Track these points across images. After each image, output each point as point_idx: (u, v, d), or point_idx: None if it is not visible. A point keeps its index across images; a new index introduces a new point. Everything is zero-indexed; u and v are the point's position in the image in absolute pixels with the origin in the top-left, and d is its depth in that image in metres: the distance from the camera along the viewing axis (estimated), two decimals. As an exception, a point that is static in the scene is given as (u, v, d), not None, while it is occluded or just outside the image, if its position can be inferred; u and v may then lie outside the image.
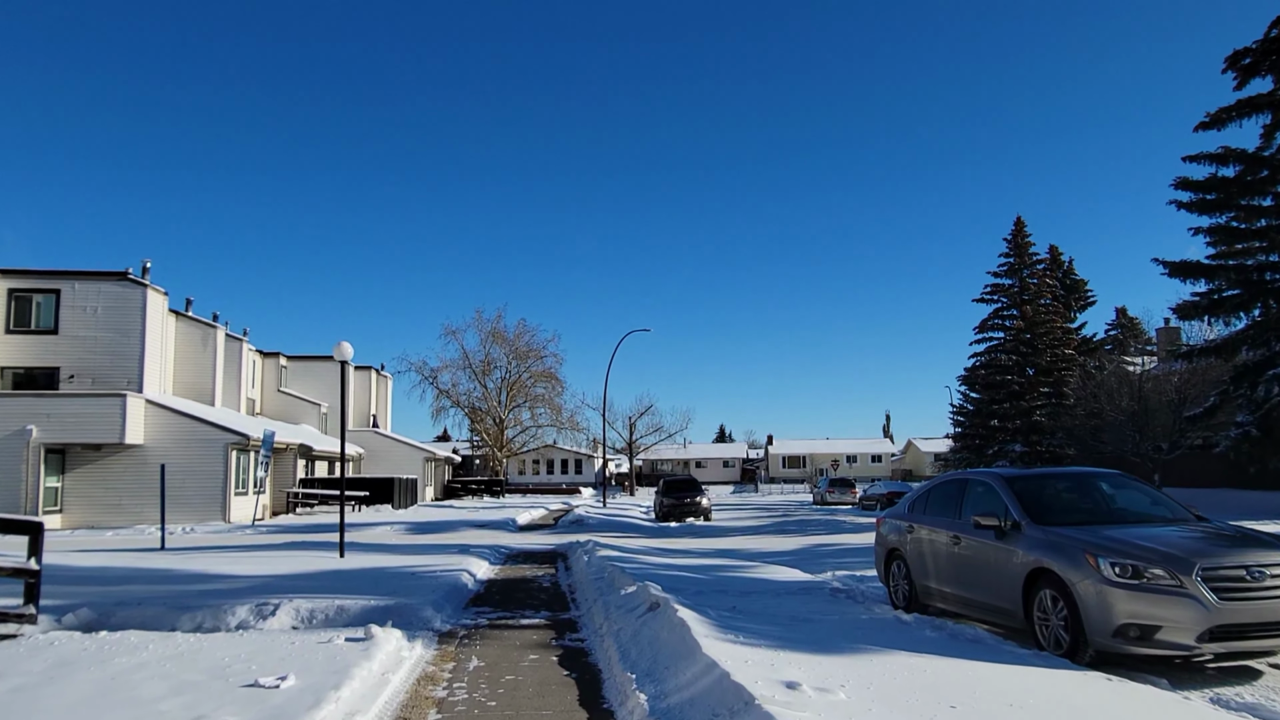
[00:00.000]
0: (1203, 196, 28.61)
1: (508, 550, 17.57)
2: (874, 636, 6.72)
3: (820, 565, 14.51)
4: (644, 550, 16.92)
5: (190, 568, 11.78)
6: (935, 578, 8.52)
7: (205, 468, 28.89)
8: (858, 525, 27.17)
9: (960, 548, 8.08)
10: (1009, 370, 43.12)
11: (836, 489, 47.56)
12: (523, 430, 65.47)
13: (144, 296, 30.00)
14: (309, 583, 9.97)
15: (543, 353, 62.91)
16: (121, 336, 29.75)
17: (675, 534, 25.02)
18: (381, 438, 49.83)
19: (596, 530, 26.01)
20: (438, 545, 17.53)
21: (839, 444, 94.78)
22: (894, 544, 9.50)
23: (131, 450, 28.53)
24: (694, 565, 13.12)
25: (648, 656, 5.99)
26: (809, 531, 25.06)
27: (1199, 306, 29.07)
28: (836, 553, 17.86)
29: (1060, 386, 42.33)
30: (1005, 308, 45.55)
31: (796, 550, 18.45)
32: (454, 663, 6.56)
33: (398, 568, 12.03)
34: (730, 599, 8.86)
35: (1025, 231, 45.60)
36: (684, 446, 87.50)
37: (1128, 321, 64.10)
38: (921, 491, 9.52)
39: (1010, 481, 7.89)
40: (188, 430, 29.20)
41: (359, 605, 7.99)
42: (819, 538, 22.43)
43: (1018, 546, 7.23)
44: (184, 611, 7.65)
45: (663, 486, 33.14)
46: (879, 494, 40.46)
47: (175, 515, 28.57)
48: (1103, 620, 6.22)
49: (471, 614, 9.02)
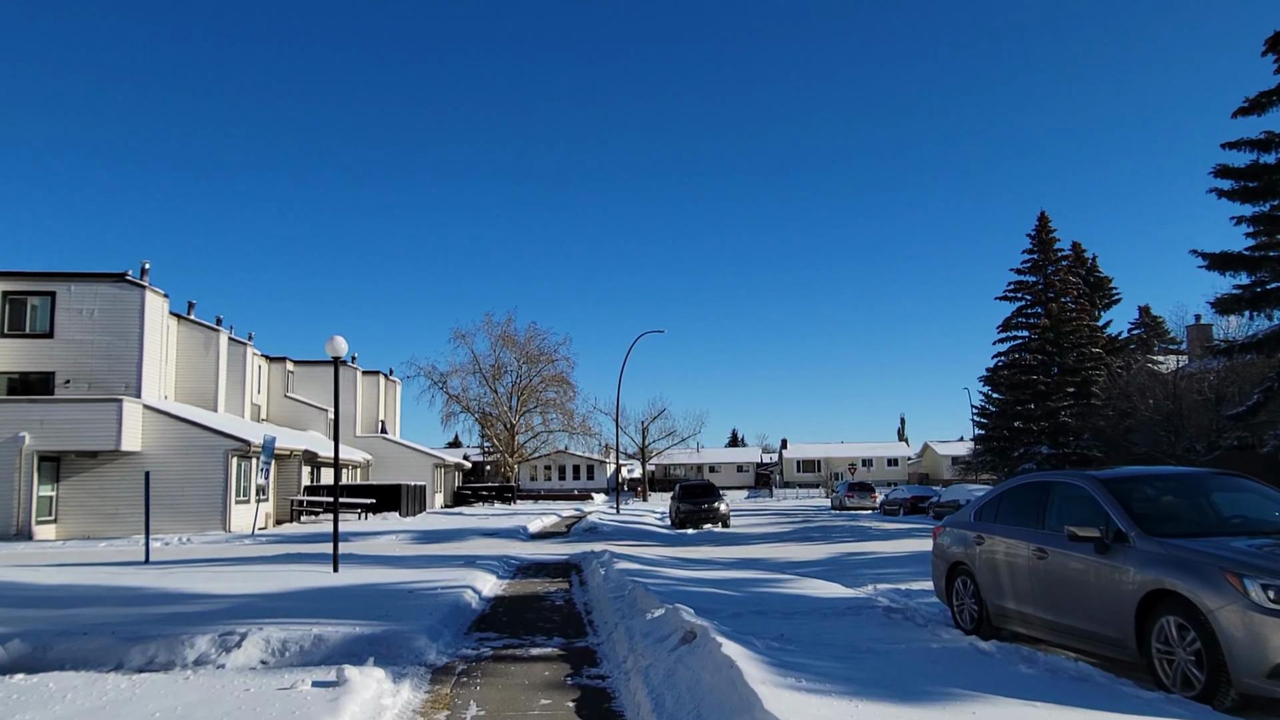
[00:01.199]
0: (1245, 184, 27.27)
1: (518, 561, 16.39)
2: (959, 674, 5.51)
3: (856, 577, 13.28)
4: (664, 561, 15.71)
5: (166, 585, 10.66)
6: (1013, 597, 7.28)
7: (205, 475, 27.85)
8: (885, 532, 25.90)
9: (1047, 563, 6.84)
10: (1034, 369, 41.60)
11: (856, 493, 46.26)
12: (534, 435, 64.37)
13: (142, 298, 29.02)
14: (292, 603, 8.83)
15: (554, 356, 61.84)
16: (119, 340, 28.77)
17: (694, 542, 23.81)
18: (390, 444, 48.80)
19: (611, 538, 24.82)
20: (443, 556, 16.37)
21: (854, 448, 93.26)
22: (958, 557, 8.27)
23: (128, 457, 27.51)
24: (721, 579, 11.90)
25: (688, 707, 4.78)
26: (834, 538, 23.81)
27: (1241, 300, 27.66)
28: (869, 562, 16.62)
29: (1087, 386, 40.87)
30: (1029, 305, 44.09)
31: (826, 560, 17.20)
32: (447, 711, 5.37)
33: (395, 584, 10.86)
34: (773, 623, 7.65)
35: (1050, 227, 44.20)
36: (697, 451, 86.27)
37: (1151, 320, 62.52)
38: (991, 496, 8.26)
39: (1109, 484, 6.64)
40: (187, 436, 28.17)
41: (340, 634, 6.82)
42: (846, 545, 21.18)
43: (1127, 563, 5.99)
44: (135, 643, 6.50)
45: (679, 492, 31.91)
46: (901, 498, 39.15)
47: (174, 524, 27.55)
48: (1253, 657, 4.99)
49: (473, 641, 7.82)
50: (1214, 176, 27.97)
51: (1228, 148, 27.65)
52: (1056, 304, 42.13)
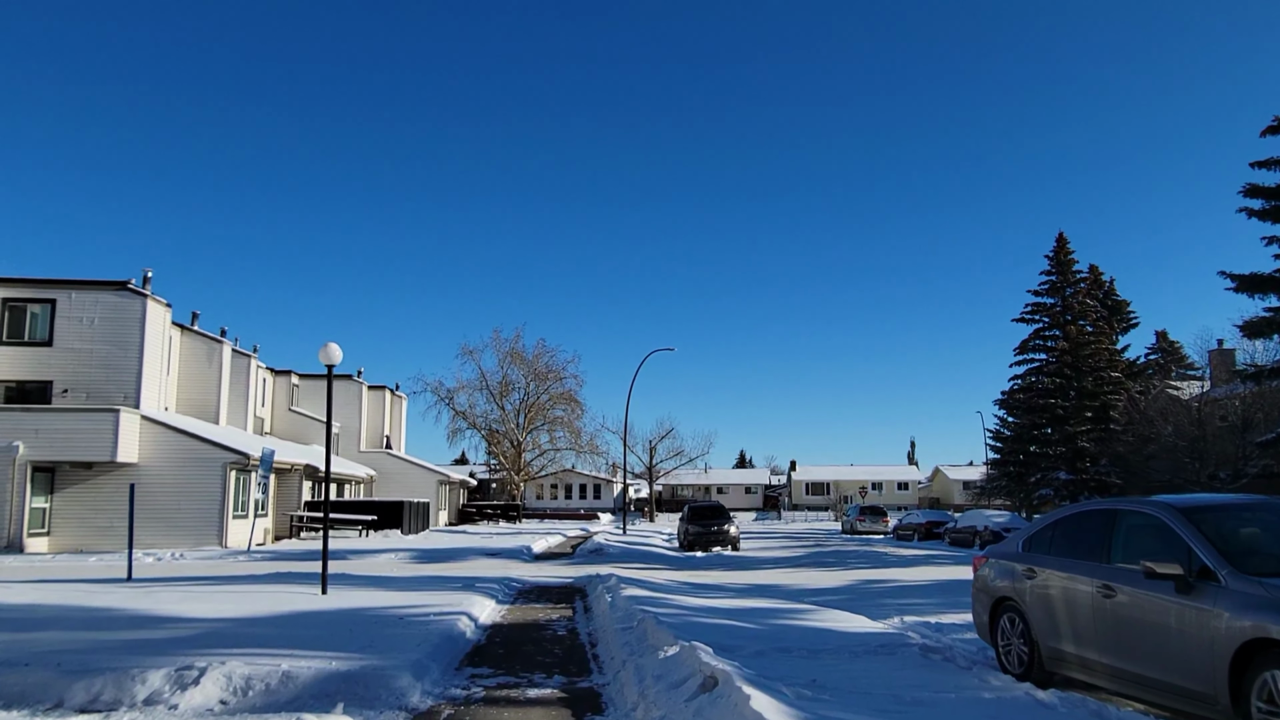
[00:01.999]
0: (1275, 204, 26.52)
1: (519, 584, 15.58)
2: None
3: (880, 608, 12.43)
4: (674, 587, 14.88)
5: (140, 606, 9.90)
6: (1073, 640, 6.46)
7: (202, 488, 27.15)
8: (902, 558, 24.95)
9: (1114, 602, 6.02)
10: (1052, 393, 40.64)
11: (867, 517, 45.21)
12: (540, 454, 63.51)
13: (144, 307, 28.44)
14: (269, 630, 8.06)
15: (562, 374, 61.03)
16: (119, 349, 28.17)
17: (703, 565, 22.94)
18: (395, 459, 48.09)
19: (617, 560, 23.98)
20: (441, 578, 15.57)
21: (863, 470, 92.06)
22: (1004, 591, 7.45)
23: (125, 469, 26.84)
24: (737, 609, 11.06)
25: (712, 777, 4.00)
26: (849, 564, 22.91)
27: (1272, 323, 26.86)
28: (891, 591, 15.75)
29: (1106, 411, 39.89)
30: (1046, 328, 43.23)
31: (844, 588, 16.33)
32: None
33: (385, 609, 10.07)
34: (800, 664, 6.83)
35: (1068, 249, 43.37)
36: (705, 472, 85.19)
37: (1168, 345, 61.52)
38: (1044, 525, 7.44)
39: (1189, 513, 5.82)
40: (185, 449, 27.49)
41: (313, 670, 6.03)
42: (863, 572, 20.30)
43: (1217, 605, 5.18)
44: (81, 677, 5.74)
45: (688, 513, 31.03)
46: (916, 523, 38.12)
47: (169, 539, 26.81)
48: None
49: (464, 679, 7.00)
50: (1243, 196, 27.27)
51: (1257, 167, 26.97)
52: (1075, 326, 41.24)
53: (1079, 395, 40.21)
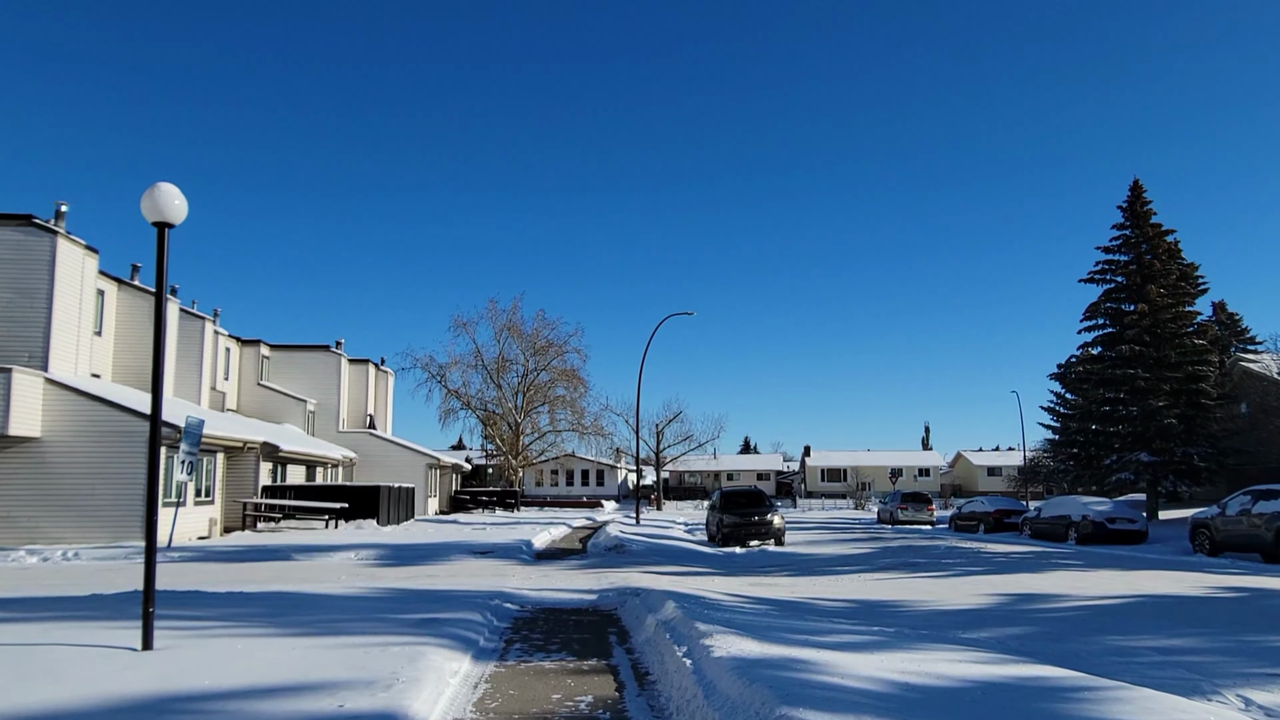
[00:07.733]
0: None
1: (514, 608, 10.21)
2: None
3: (1127, 662, 7.12)
4: (755, 610, 9.52)
5: None
6: None
7: (123, 470, 21.75)
8: (1012, 559, 19.34)
9: None
10: (1131, 362, 34.99)
11: (910, 505, 39.92)
12: (540, 436, 58.16)
13: (53, 247, 22.94)
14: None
15: (564, 348, 55.60)
16: (21, 297, 22.70)
17: (755, 568, 17.60)
18: (378, 440, 42.71)
19: (644, 561, 18.64)
20: (396, 598, 10.21)
21: (881, 455, 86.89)
22: None
23: (25, 445, 21.52)
24: (958, 688, 5.65)
25: None
26: (947, 566, 17.52)
27: None
28: (1080, 616, 10.37)
29: (1195, 383, 34.42)
30: (1118, 289, 37.38)
31: (997, 611, 10.94)
32: None
33: (242, 690, 4.75)
34: None
35: (1144, 198, 37.52)
36: (714, 458, 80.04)
37: (1228, 318, 56.12)
38: None
39: None
40: (102, 420, 22.10)
41: None
42: (984, 579, 14.86)
43: None
44: None
45: (720, 501, 25.65)
46: (983, 512, 32.73)
47: (80, 532, 21.36)
48: None
49: None
50: None
51: None
52: (1155, 286, 35.61)
53: (1158, 365, 34.70)
